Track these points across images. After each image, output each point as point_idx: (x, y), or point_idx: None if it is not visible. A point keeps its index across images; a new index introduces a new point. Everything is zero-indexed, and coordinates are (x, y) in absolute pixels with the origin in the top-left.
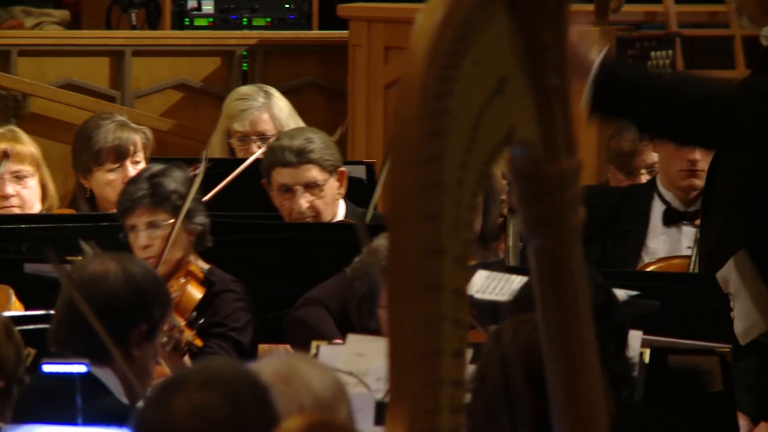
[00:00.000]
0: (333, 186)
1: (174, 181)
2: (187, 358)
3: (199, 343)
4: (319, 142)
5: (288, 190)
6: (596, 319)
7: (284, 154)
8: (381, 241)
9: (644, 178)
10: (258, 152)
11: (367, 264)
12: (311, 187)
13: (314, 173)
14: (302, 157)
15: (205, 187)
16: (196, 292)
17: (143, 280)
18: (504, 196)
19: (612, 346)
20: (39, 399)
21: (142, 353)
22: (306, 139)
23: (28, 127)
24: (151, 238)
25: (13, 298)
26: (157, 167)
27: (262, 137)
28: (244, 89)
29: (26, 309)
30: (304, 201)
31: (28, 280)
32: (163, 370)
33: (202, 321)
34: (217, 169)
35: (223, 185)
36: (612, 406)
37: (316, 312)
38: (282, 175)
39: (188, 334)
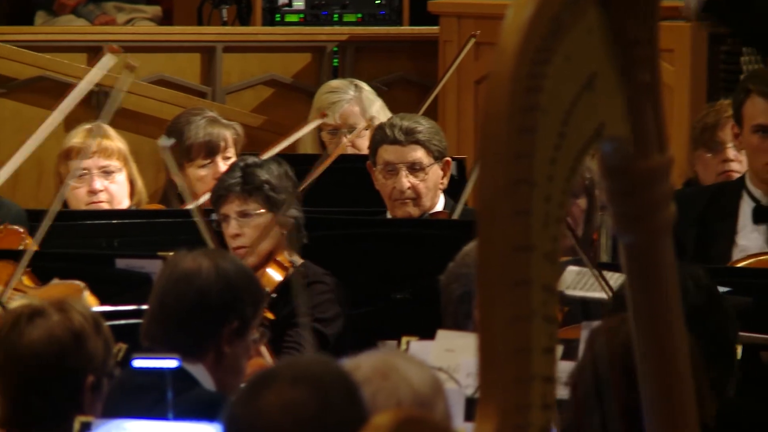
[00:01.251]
0: (437, 173)
1: (267, 172)
2: (264, 350)
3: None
4: (428, 126)
5: (392, 168)
6: (699, 319)
7: (393, 131)
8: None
9: (731, 152)
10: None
11: (462, 266)
12: (415, 168)
13: (419, 154)
14: (410, 136)
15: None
16: (276, 275)
17: (235, 276)
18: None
19: (715, 346)
20: (130, 394)
21: (233, 350)
22: (416, 121)
23: (118, 123)
24: (242, 227)
25: (86, 293)
26: (252, 158)
27: (353, 130)
28: (335, 83)
29: (117, 304)
30: (407, 181)
31: (120, 276)
32: (261, 362)
33: (274, 296)
34: (306, 165)
35: (311, 180)
36: (713, 406)
37: None
38: (388, 153)
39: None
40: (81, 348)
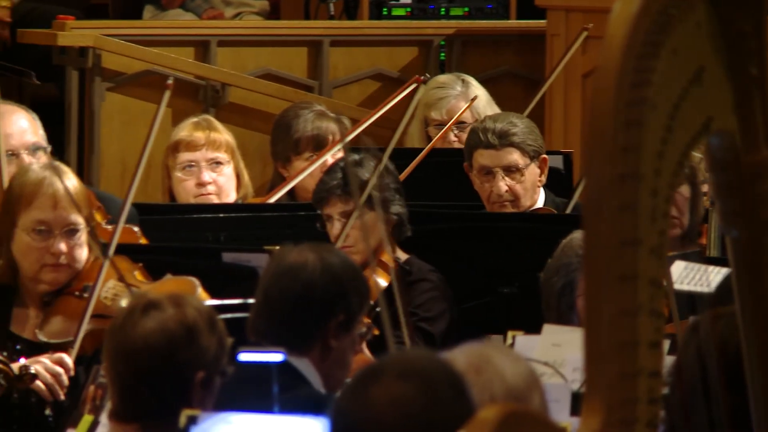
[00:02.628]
0: (534, 172)
1: (368, 171)
2: (364, 346)
3: (375, 332)
4: (522, 126)
5: (488, 172)
6: None
7: (486, 135)
8: (577, 234)
9: None
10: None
11: (561, 257)
12: (511, 171)
13: (515, 157)
14: (504, 139)
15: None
16: (380, 281)
17: (341, 270)
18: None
19: None
20: (235, 388)
21: (339, 344)
22: (509, 122)
23: (226, 117)
24: (345, 227)
25: (199, 290)
26: (352, 157)
27: (460, 125)
28: (442, 78)
29: (224, 298)
30: (504, 184)
31: (227, 270)
32: (365, 357)
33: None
34: (407, 159)
35: (407, 172)
36: None
37: None
38: (483, 157)
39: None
40: (193, 343)
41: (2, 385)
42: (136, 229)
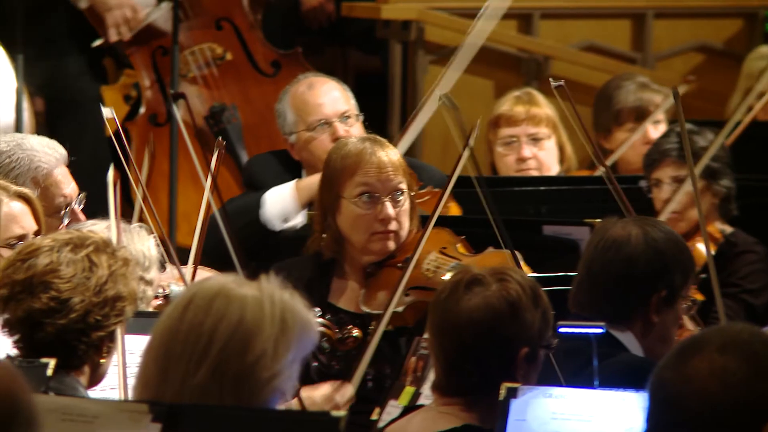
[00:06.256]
0: None
1: (704, 139)
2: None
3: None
4: None
5: None
6: None
7: None
8: None
9: None
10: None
11: None
12: None
13: None
14: None
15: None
16: (704, 251)
17: (664, 245)
18: None
19: None
20: (556, 360)
21: (661, 319)
22: None
23: (548, 90)
24: (675, 193)
25: (521, 263)
26: (690, 125)
27: None
28: (765, 49)
29: (544, 271)
30: None
31: (547, 243)
32: (688, 332)
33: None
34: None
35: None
36: None
37: None
38: None
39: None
40: (516, 319)
41: (326, 348)
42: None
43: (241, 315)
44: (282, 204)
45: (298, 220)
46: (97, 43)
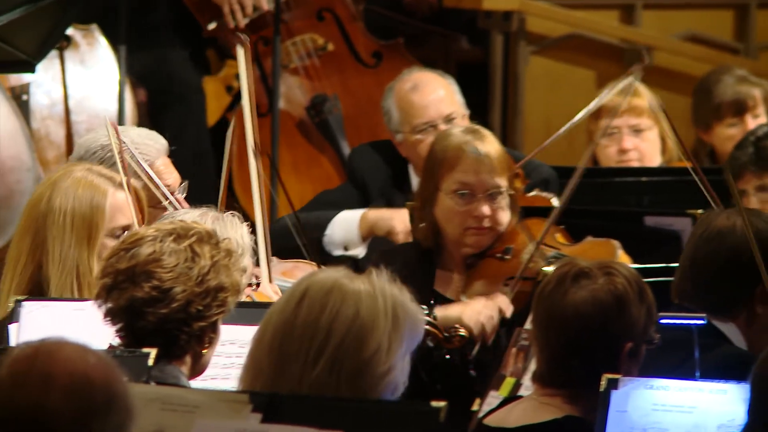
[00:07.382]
0: None
1: None
2: None
3: None
4: None
5: None
6: None
7: None
8: None
9: None
10: None
11: None
12: None
13: None
14: None
15: None
16: None
17: None
18: None
19: None
20: (657, 351)
21: (765, 311)
22: None
23: (650, 80)
24: (762, 202)
25: (620, 252)
26: (763, 129)
27: None
28: None
29: (646, 262)
30: None
31: (649, 233)
32: None
33: None
34: None
35: None
36: None
37: None
38: None
39: None
40: (622, 314)
41: (429, 347)
42: (550, 196)
43: (356, 311)
44: (347, 231)
45: (358, 250)
46: (212, 26)
